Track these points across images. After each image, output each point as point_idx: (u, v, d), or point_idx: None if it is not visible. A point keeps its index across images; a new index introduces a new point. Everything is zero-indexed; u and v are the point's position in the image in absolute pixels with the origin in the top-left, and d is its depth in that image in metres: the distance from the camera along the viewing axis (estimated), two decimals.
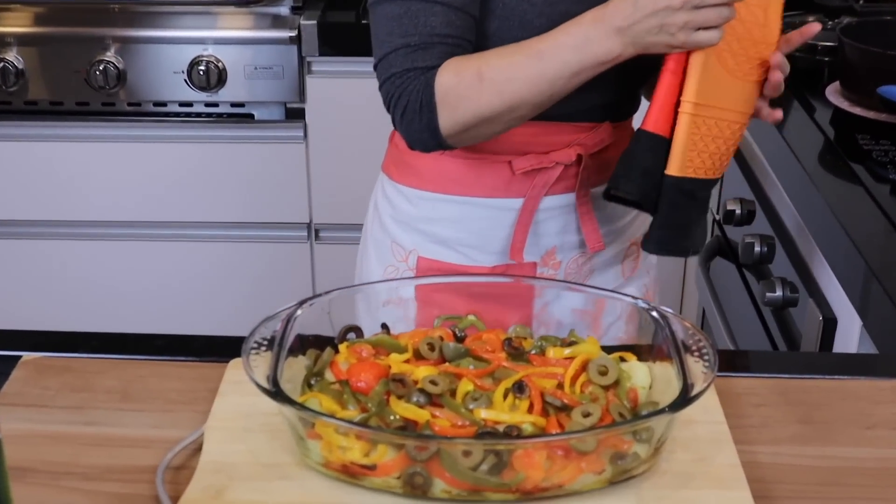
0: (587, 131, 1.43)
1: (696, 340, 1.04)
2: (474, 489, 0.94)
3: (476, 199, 1.44)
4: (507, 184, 1.43)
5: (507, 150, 1.41)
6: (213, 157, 2.52)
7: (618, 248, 1.52)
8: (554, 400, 0.99)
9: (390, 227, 1.51)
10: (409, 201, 1.48)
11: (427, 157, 1.45)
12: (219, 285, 2.66)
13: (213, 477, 0.98)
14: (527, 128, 1.38)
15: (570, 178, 1.44)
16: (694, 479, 0.99)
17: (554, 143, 1.42)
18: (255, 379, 0.97)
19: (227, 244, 2.61)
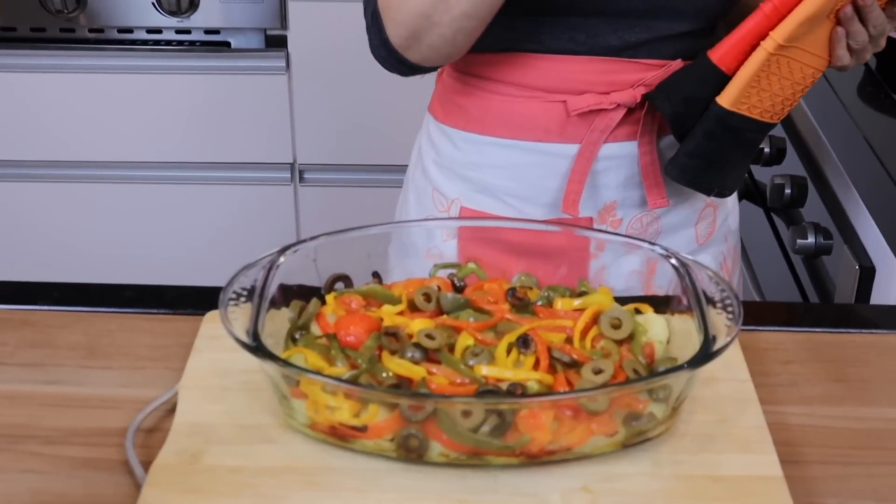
0: (655, 70, 1.38)
1: (718, 290, 1.04)
2: (474, 452, 0.94)
3: (527, 143, 1.41)
4: (562, 127, 1.39)
5: (562, 87, 1.38)
6: (184, 91, 2.50)
7: (690, 208, 1.48)
8: (562, 355, 1.00)
9: (432, 173, 1.50)
10: (454, 144, 1.46)
11: (474, 96, 1.43)
12: (193, 231, 2.66)
13: (187, 440, 0.98)
14: (583, 63, 1.36)
15: (633, 123, 1.40)
16: (715, 441, 0.99)
17: (616, 82, 1.38)
18: (233, 333, 0.97)
19: (201, 186, 2.61)
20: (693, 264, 1.07)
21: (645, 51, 1.37)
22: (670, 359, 1.02)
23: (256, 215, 2.63)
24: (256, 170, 2.60)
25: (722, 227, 1.54)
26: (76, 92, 2.50)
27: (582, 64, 1.37)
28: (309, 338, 1.04)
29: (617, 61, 1.37)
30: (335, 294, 1.10)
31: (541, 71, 1.38)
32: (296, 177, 2.61)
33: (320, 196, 2.62)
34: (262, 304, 1.02)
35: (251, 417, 1.01)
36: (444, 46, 1.33)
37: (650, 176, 1.42)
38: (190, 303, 1.22)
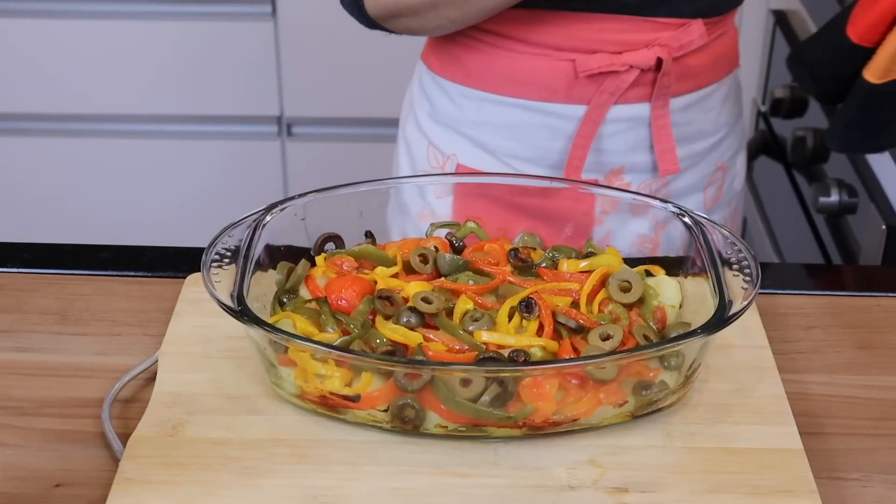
0: (672, 29, 1.37)
1: (735, 251, 1.04)
2: (474, 423, 0.95)
3: (531, 102, 1.41)
4: (570, 87, 1.39)
5: (571, 45, 1.38)
6: (162, 38, 2.49)
7: (700, 172, 1.49)
8: (567, 320, 1.00)
9: (427, 127, 1.49)
10: (452, 100, 1.45)
11: (475, 49, 1.42)
12: (174, 189, 2.65)
13: (168, 411, 0.99)
14: (596, 21, 1.36)
15: (646, 84, 1.39)
16: (731, 412, 1.00)
17: (629, 42, 1.37)
18: (216, 296, 0.97)
19: (182, 141, 2.60)
20: (707, 223, 1.07)
21: (664, 8, 1.36)
22: (683, 324, 1.02)
23: (241, 172, 2.62)
24: (241, 123, 2.59)
25: (728, 190, 1.55)
26: (46, 39, 2.49)
27: (595, 22, 1.36)
28: (297, 302, 1.04)
29: (632, 20, 1.36)
30: (325, 255, 1.09)
31: (550, 27, 1.37)
32: (283, 131, 2.60)
33: (309, 151, 2.62)
34: (248, 266, 1.02)
35: (236, 387, 1.02)
36: (422, 32, 1.37)
37: (662, 140, 1.42)
38: (170, 264, 1.22)
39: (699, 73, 1.42)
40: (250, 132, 2.59)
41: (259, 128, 2.59)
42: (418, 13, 1.33)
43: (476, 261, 1.07)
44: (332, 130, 2.59)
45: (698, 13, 1.38)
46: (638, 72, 1.38)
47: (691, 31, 1.38)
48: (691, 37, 1.38)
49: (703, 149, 1.48)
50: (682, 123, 1.44)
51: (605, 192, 1.18)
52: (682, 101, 1.42)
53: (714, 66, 1.44)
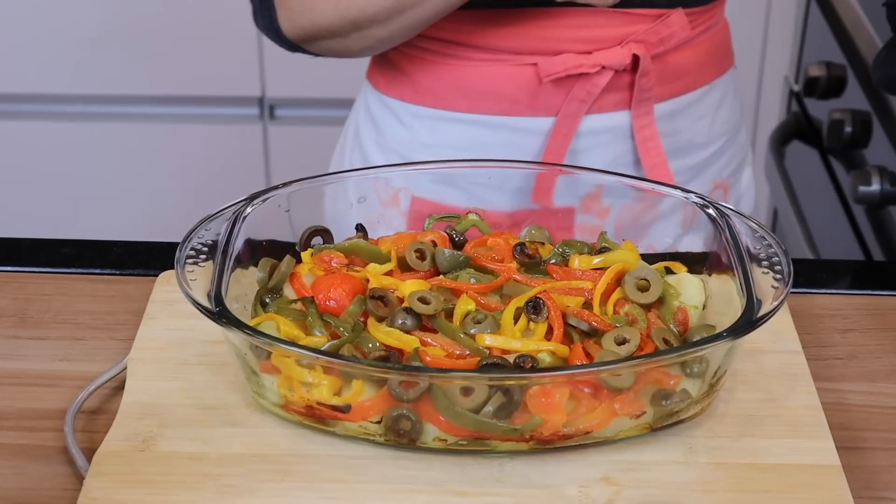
0: (649, 22, 1.33)
1: (764, 246, 1.04)
2: (476, 436, 0.95)
3: (490, 117, 1.36)
4: (533, 96, 1.35)
5: (531, 47, 1.33)
6: (133, 10, 2.49)
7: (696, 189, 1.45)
8: (579, 322, 1.00)
9: (374, 158, 1.45)
10: (401, 121, 1.41)
11: (422, 60, 1.37)
12: (144, 177, 2.65)
13: (138, 423, 0.99)
14: (557, 17, 1.31)
15: (623, 89, 1.35)
16: (760, 424, 1.00)
17: (599, 39, 1.32)
18: (191, 296, 0.97)
19: (153, 125, 2.60)
20: (734, 215, 1.07)
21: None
22: (707, 326, 1.02)
23: (219, 158, 2.62)
24: (219, 105, 2.59)
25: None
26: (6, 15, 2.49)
27: (557, 17, 1.31)
28: (281, 302, 1.04)
29: (600, 12, 1.31)
30: (312, 251, 1.10)
31: (506, 28, 1.32)
32: (265, 113, 2.60)
33: (294, 136, 2.62)
34: (226, 263, 1.02)
35: (213, 396, 1.02)
36: (348, 54, 1.33)
37: (651, 153, 1.37)
38: (140, 261, 1.22)
39: (685, 72, 1.38)
40: (229, 115, 2.59)
41: (239, 110, 2.59)
42: (340, 35, 1.29)
43: (478, 257, 1.07)
44: (319, 113, 2.59)
45: (678, 2, 1.34)
46: (612, 73, 1.33)
47: (671, 23, 1.33)
48: (671, 29, 1.34)
49: (695, 163, 1.43)
50: (669, 133, 1.39)
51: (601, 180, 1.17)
52: (667, 108, 1.38)
53: (703, 64, 1.40)
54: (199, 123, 2.60)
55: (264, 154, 2.62)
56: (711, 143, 1.44)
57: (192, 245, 1.03)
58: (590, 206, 1.27)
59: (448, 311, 1.01)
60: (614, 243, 1.11)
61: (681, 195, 1.11)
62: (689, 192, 1.11)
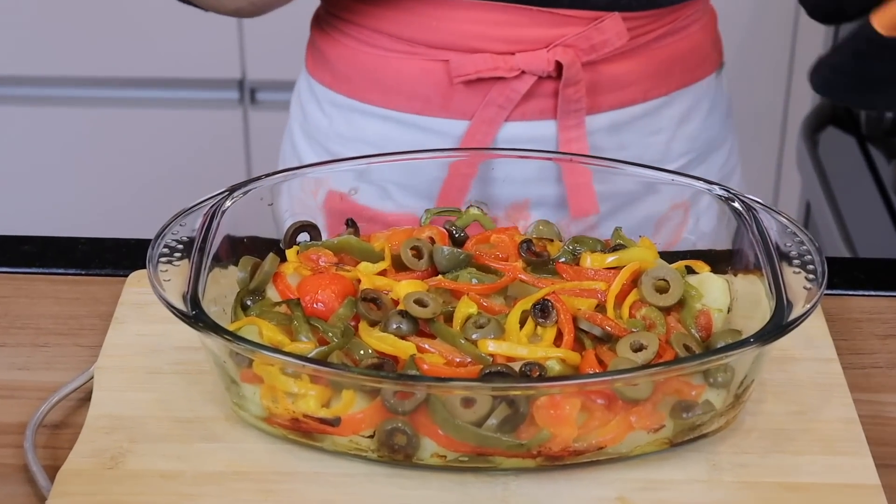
0: (581, 26, 1.30)
1: (796, 243, 1.04)
2: (478, 452, 0.95)
3: (402, 114, 1.36)
4: (446, 96, 1.34)
5: (446, 42, 1.31)
6: None
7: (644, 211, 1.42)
8: (591, 327, 1.00)
9: (299, 143, 1.47)
10: (320, 106, 1.42)
11: (340, 44, 1.38)
12: (113, 166, 2.65)
13: (106, 438, 0.99)
14: (476, 10, 1.29)
15: (549, 96, 1.34)
16: (791, 439, 1.00)
17: (522, 40, 1.30)
18: (165, 298, 0.97)
19: (123, 109, 2.60)
20: (763, 209, 1.07)
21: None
22: (732, 331, 1.02)
23: (196, 146, 2.62)
24: (196, 88, 2.59)
25: (692, 231, 1.30)
26: None
27: (475, 11, 1.29)
28: (264, 305, 1.04)
29: (525, 10, 1.29)
30: (298, 248, 1.10)
31: (419, 18, 1.31)
32: (246, 97, 2.60)
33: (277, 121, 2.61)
34: (203, 262, 1.02)
35: (189, 408, 1.02)
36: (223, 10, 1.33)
37: (576, 171, 1.32)
38: (108, 260, 1.22)
39: (628, 83, 1.35)
40: (206, 99, 2.59)
41: (217, 93, 2.59)
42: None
43: (480, 255, 1.08)
44: None
45: (615, 5, 1.31)
46: (534, 79, 1.32)
47: (605, 29, 1.30)
48: (605, 36, 1.31)
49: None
50: (612, 149, 1.37)
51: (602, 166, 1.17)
52: (607, 120, 1.36)
53: (655, 74, 1.37)
54: (172, 108, 2.60)
55: (245, 142, 2.62)
56: (669, 162, 1.41)
57: (165, 242, 1.03)
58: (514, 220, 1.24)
59: (447, 314, 1.01)
60: (630, 240, 1.11)
61: (703, 186, 1.11)
62: (712, 184, 1.11)
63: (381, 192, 1.30)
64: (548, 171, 1.33)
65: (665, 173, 1.14)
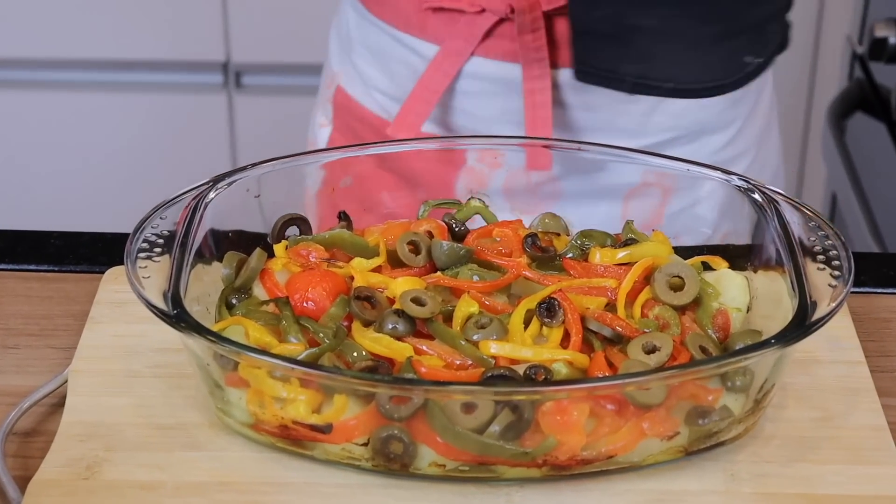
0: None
1: (820, 237, 1.04)
2: (480, 461, 0.95)
3: (388, 26, 1.45)
4: (422, 19, 1.42)
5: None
6: None
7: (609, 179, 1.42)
8: (601, 328, 1.00)
9: (331, 34, 1.58)
10: (345, 9, 1.53)
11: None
12: (89, 154, 2.65)
13: (81, 447, 0.99)
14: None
15: (513, 39, 1.39)
16: (815, 448, 1.00)
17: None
18: (144, 296, 0.97)
19: (101, 94, 2.60)
20: (785, 201, 1.07)
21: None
22: (752, 332, 1.03)
23: (177, 133, 2.62)
24: (178, 71, 2.59)
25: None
26: None
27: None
28: (251, 303, 1.04)
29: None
30: (287, 243, 1.10)
31: None
32: (230, 80, 2.60)
33: (263, 107, 2.62)
34: (186, 257, 1.02)
35: (170, 414, 1.02)
36: None
37: (538, 123, 1.39)
38: (84, 255, 1.22)
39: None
40: (189, 82, 2.59)
41: (200, 76, 2.59)
42: None
43: (482, 250, 1.08)
44: (293, 81, 2.59)
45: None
46: (495, 19, 1.38)
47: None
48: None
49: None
50: (580, 107, 1.42)
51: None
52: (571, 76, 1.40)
53: None
54: (152, 93, 2.60)
55: (230, 129, 2.62)
56: (646, 136, 1.43)
57: (144, 236, 1.03)
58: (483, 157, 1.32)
59: (446, 313, 1.02)
60: (642, 234, 1.11)
61: (721, 177, 1.11)
62: (730, 174, 1.11)
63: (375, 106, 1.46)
64: (514, 116, 1.40)
65: (678, 162, 1.14)
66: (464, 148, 1.30)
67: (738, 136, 1.49)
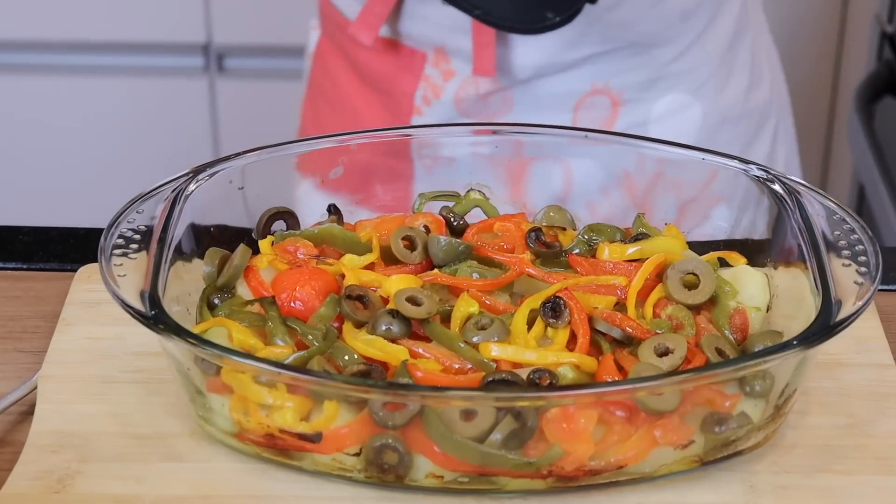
0: None
1: (845, 231, 1.04)
2: (480, 472, 0.95)
3: None
4: None
5: None
6: None
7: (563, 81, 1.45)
8: (610, 328, 1.01)
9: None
10: None
11: None
12: (61, 142, 2.65)
13: (52, 458, 0.99)
14: None
15: None
16: (840, 457, 1.00)
17: None
18: (120, 296, 0.97)
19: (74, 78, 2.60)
20: (808, 191, 1.07)
21: None
22: (772, 333, 1.03)
23: (155, 120, 2.62)
24: (157, 53, 2.59)
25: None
26: None
27: None
28: (234, 303, 1.05)
29: None
30: (273, 238, 1.10)
31: None
32: (212, 64, 2.60)
33: (246, 92, 2.62)
34: (164, 254, 1.02)
35: (148, 423, 1.02)
36: None
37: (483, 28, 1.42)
38: (54, 252, 1.22)
39: None
40: (168, 66, 2.59)
41: (180, 59, 2.59)
42: None
43: (482, 246, 1.08)
44: (278, 64, 2.59)
45: None
46: None
47: None
48: None
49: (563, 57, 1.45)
50: None
51: None
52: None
53: None
54: (127, 77, 2.60)
55: (211, 115, 2.62)
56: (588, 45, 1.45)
57: (120, 231, 1.03)
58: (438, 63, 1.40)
59: (444, 314, 1.02)
60: (654, 228, 1.11)
61: (738, 166, 1.11)
62: (748, 163, 1.11)
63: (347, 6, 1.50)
64: (463, 24, 1.43)
65: (693, 151, 1.14)
66: None
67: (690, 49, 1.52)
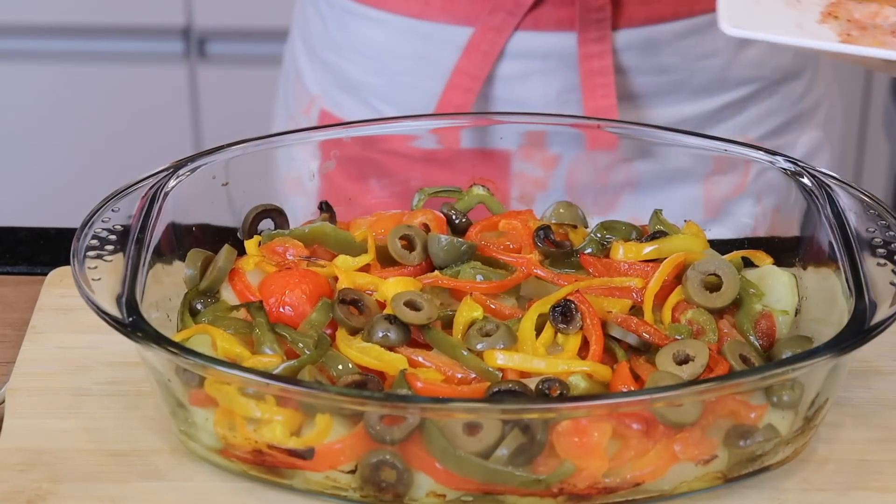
0: None
1: (881, 227, 1.04)
2: (486, 490, 0.95)
3: (399, 17, 1.43)
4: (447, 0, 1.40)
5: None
6: None
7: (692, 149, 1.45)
8: (625, 334, 1.01)
9: (298, 55, 1.55)
10: (319, 11, 1.50)
11: None
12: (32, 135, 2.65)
13: (21, 477, 0.99)
14: None
15: (570, 3, 1.39)
16: (876, 473, 1.00)
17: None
18: (94, 302, 0.97)
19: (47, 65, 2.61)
20: (840, 186, 1.08)
21: None
22: (801, 338, 1.03)
23: (133, 110, 2.62)
24: (134, 38, 2.59)
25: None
26: None
27: None
28: (218, 309, 1.05)
29: None
30: (260, 238, 1.10)
31: None
32: (192, 49, 2.60)
33: (230, 80, 2.62)
34: (142, 256, 1.02)
35: (125, 439, 1.02)
36: None
37: (596, 92, 1.39)
38: (22, 255, 1.22)
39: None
40: (146, 51, 2.60)
41: (159, 44, 2.59)
42: None
43: (487, 245, 1.08)
44: (263, 49, 2.59)
45: None
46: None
47: None
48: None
49: (698, 113, 1.46)
50: (648, 71, 1.42)
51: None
52: (639, 36, 1.41)
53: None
54: (105, 63, 2.60)
55: (192, 105, 2.63)
56: (726, 91, 1.45)
57: (94, 232, 1.03)
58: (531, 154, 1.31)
59: (446, 319, 1.02)
60: (673, 225, 1.11)
61: (765, 158, 1.12)
62: (775, 155, 1.11)
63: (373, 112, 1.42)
64: (572, 94, 1.40)
65: (716, 141, 1.14)
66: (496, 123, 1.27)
67: (814, 80, 1.53)
